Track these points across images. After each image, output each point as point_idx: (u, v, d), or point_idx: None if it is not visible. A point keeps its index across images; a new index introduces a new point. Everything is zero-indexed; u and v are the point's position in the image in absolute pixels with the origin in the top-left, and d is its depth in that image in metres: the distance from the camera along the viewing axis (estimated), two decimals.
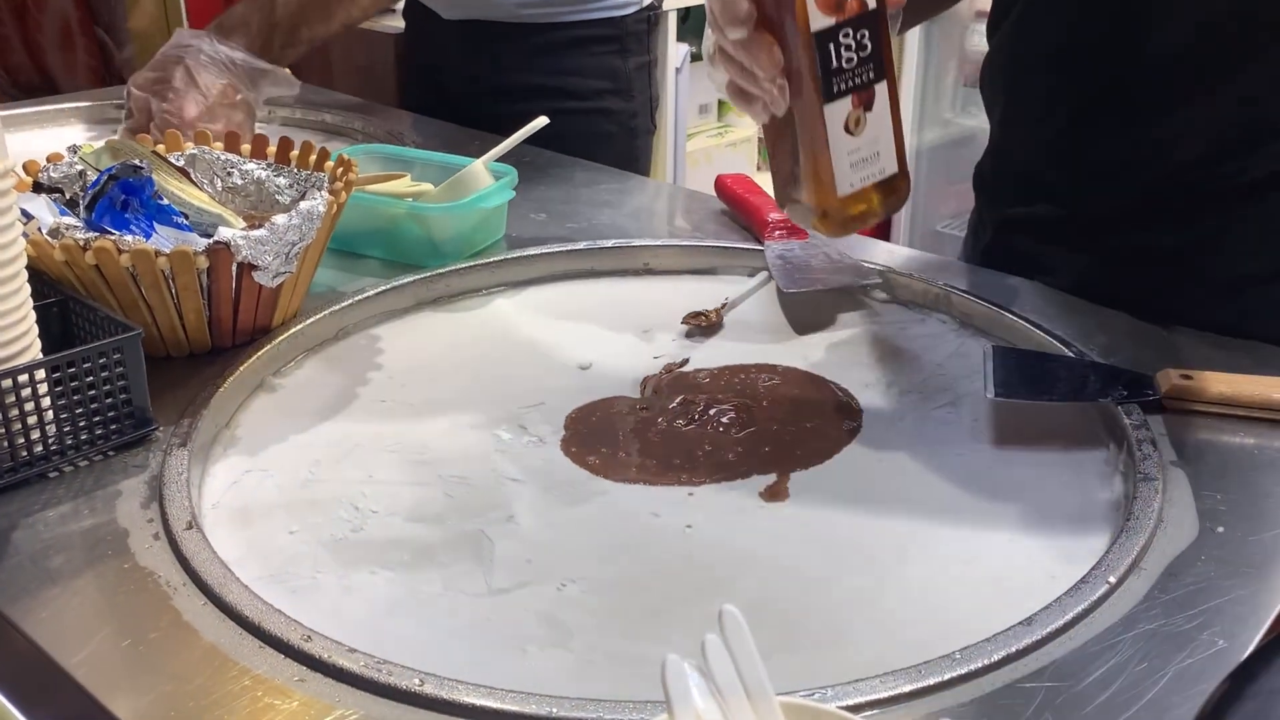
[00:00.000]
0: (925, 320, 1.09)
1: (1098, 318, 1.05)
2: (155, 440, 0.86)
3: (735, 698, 0.53)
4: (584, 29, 1.66)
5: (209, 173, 1.09)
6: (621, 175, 1.45)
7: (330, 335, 1.05)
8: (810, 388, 0.98)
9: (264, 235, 0.92)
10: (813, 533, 0.80)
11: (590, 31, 1.67)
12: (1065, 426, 0.91)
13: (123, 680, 0.64)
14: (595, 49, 1.68)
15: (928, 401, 0.96)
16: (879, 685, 0.63)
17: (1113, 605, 0.69)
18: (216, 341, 0.98)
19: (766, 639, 0.68)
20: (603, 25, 1.68)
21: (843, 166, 0.81)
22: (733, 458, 0.88)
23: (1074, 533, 0.79)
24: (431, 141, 1.49)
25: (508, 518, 0.81)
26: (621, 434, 0.91)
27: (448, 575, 0.75)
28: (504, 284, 1.16)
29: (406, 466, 0.87)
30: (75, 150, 1.05)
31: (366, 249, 1.18)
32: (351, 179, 1.02)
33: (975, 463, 0.88)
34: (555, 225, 1.26)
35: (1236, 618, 0.68)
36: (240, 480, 0.85)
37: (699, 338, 1.06)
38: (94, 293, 0.91)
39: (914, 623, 0.71)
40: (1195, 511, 0.78)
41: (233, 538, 0.79)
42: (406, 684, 0.63)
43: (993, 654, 0.65)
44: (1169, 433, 0.87)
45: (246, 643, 0.67)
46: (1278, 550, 0.74)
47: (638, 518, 0.82)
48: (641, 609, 0.73)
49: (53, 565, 0.73)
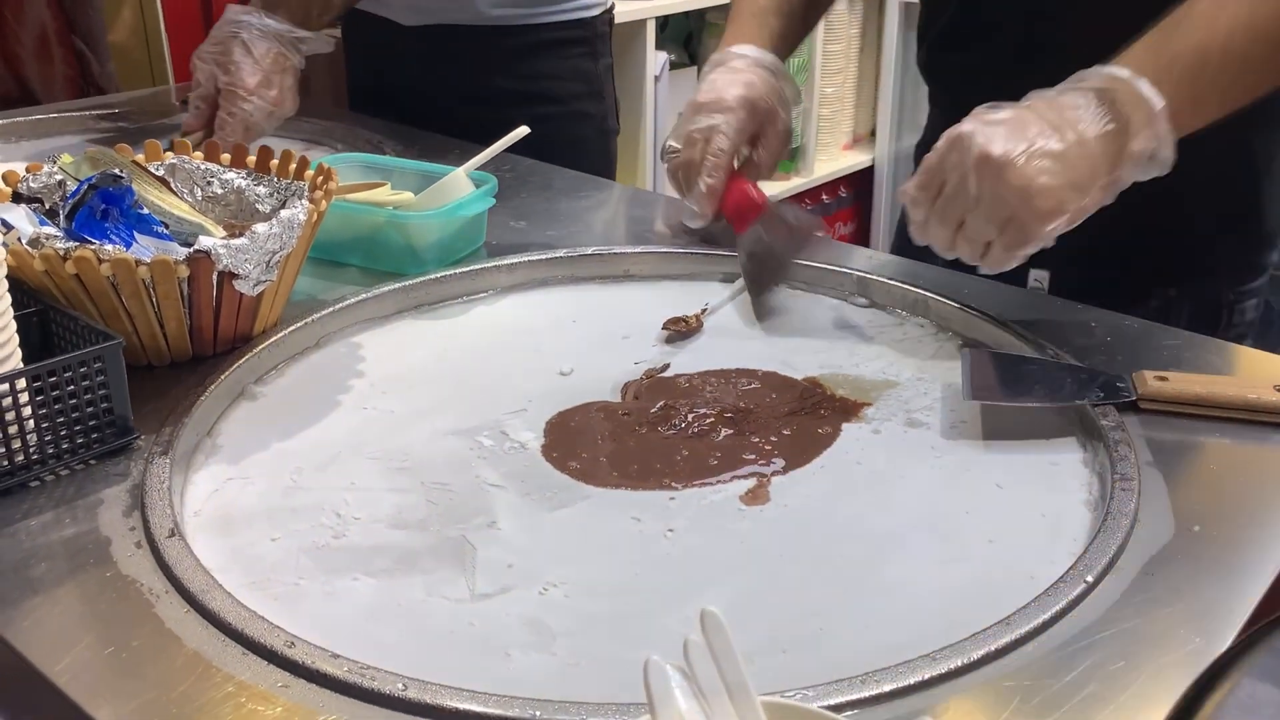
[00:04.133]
0: (904, 324, 1.10)
1: (1074, 320, 1.06)
2: (137, 449, 0.86)
3: (717, 698, 0.53)
4: (556, 31, 1.66)
5: (189, 182, 1.09)
6: (601, 183, 1.46)
7: (311, 343, 1.05)
8: (790, 392, 0.99)
9: (244, 244, 0.93)
10: (793, 535, 0.81)
11: (562, 34, 1.67)
12: (1042, 428, 0.92)
13: (106, 688, 0.64)
14: (567, 52, 1.68)
15: (906, 405, 0.96)
16: (860, 685, 0.63)
17: (1090, 604, 0.70)
18: (197, 350, 0.98)
19: (748, 641, 0.68)
20: (574, 27, 1.68)
21: None
22: (714, 462, 0.89)
23: (1052, 533, 0.80)
24: (411, 150, 1.49)
25: (489, 523, 0.81)
26: (602, 439, 0.92)
27: (430, 581, 0.76)
28: (484, 291, 1.17)
29: (388, 473, 0.87)
30: (54, 160, 1.05)
31: (347, 257, 1.18)
32: (331, 188, 1.02)
33: (953, 465, 0.88)
34: (535, 233, 1.27)
35: (1213, 616, 0.69)
36: (222, 488, 0.85)
37: (679, 343, 1.07)
38: (74, 302, 0.91)
39: (894, 623, 0.72)
40: (1171, 511, 0.79)
41: (215, 545, 0.79)
42: (390, 689, 0.63)
43: (972, 653, 0.65)
44: (1145, 433, 0.87)
45: (229, 649, 0.67)
46: (1253, 549, 0.75)
47: (619, 522, 0.82)
48: (623, 612, 0.73)
49: (35, 574, 0.73)
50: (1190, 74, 0.93)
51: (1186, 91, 0.93)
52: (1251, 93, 0.96)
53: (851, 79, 3.63)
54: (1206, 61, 0.93)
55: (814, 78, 3.41)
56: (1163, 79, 0.92)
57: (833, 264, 1.16)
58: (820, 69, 3.44)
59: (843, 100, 3.61)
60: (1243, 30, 0.93)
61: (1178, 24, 0.95)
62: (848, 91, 3.63)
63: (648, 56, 2.75)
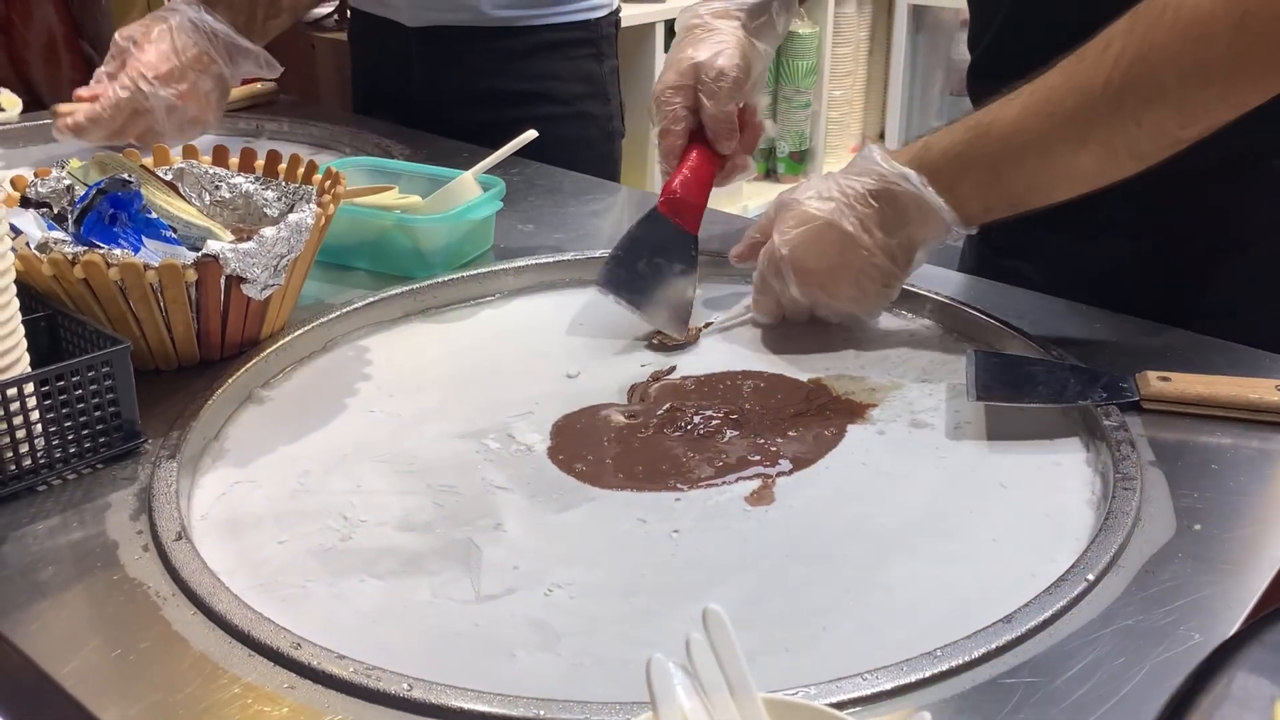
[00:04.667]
0: (909, 325, 1.10)
1: (1079, 321, 1.06)
2: (144, 453, 0.87)
3: (719, 695, 0.53)
4: (560, 32, 1.66)
5: (197, 186, 1.10)
6: (609, 186, 1.46)
7: (319, 347, 1.06)
8: (795, 393, 0.99)
9: (252, 248, 0.93)
10: (798, 536, 0.81)
11: (566, 35, 1.66)
12: (1046, 429, 0.92)
13: (113, 690, 0.65)
14: (572, 53, 1.68)
15: (911, 406, 0.97)
16: (861, 683, 0.63)
17: (1091, 602, 0.70)
18: (205, 354, 0.98)
19: (752, 640, 0.69)
20: (578, 28, 1.67)
21: None
22: (719, 463, 0.89)
23: (1054, 532, 0.80)
24: (419, 154, 1.50)
25: (495, 525, 0.82)
26: (608, 441, 0.92)
27: (436, 583, 0.76)
28: (492, 294, 1.17)
29: (395, 476, 0.88)
30: (63, 165, 1.05)
31: (355, 261, 1.19)
32: (339, 191, 1.03)
33: (958, 464, 0.89)
34: (543, 236, 1.27)
35: (1212, 613, 0.69)
36: (229, 491, 0.86)
37: (673, 351, 1.07)
38: (82, 306, 0.92)
39: (897, 622, 0.72)
40: (1173, 510, 0.79)
41: (222, 548, 0.79)
42: (395, 689, 0.64)
43: (973, 651, 0.65)
44: (1147, 433, 0.88)
45: (236, 651, 0.67)
46: (1253, 547, 0.75)
47: (624, 523, 0.82)
48: (628, 612, 0.74)
49: (42, 578, 0.74)
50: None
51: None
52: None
53: (860, 82, 3.63)
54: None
55: (823, 81, 3.41)
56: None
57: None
58: (829, 72, 3.44)
59: (852, 103, 3.62)
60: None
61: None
62: (856, 94, 3.64)
63: (656, 60, 2.76)
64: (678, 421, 0.94)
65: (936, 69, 3.62)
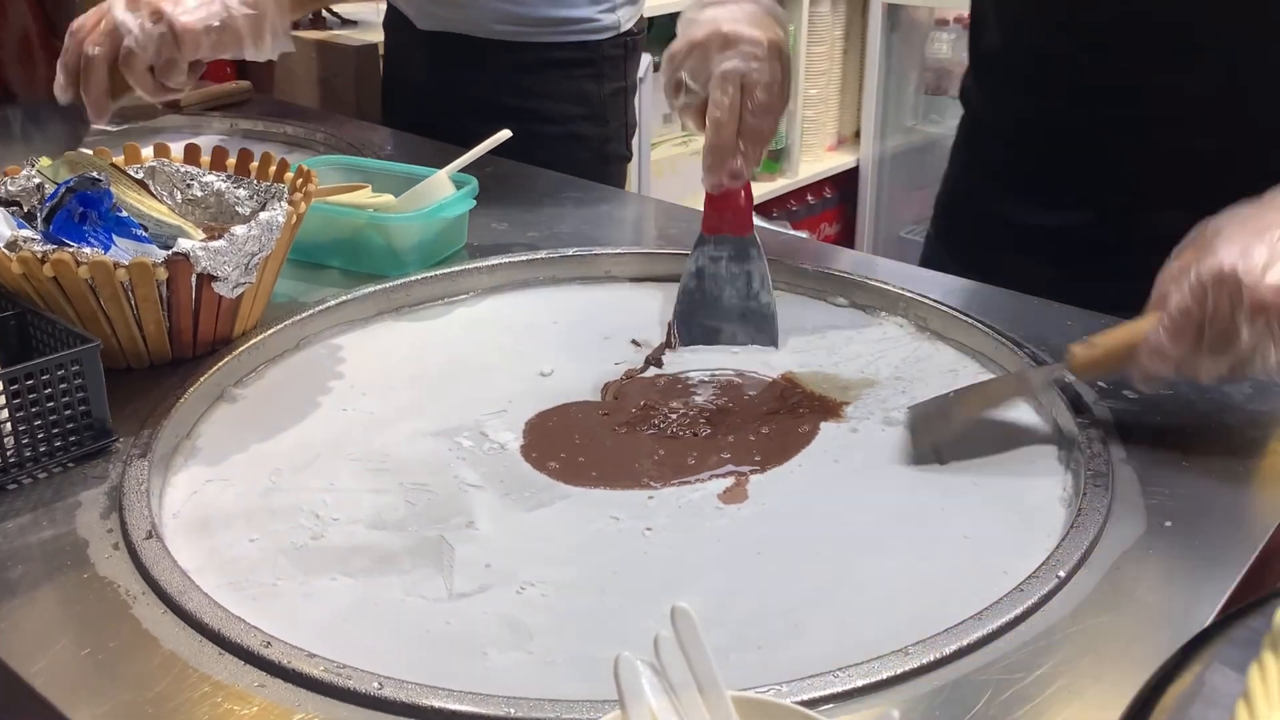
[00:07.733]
0: (882, 323, 1.10)
1: (1050, 318, 1.06)
2: (115, 451, 0.86)
3: (688, 693, 0.53)
4: (558, 51, 1.65)
5: (168, 185, 1.09)
6: (583, 184, 1.46)
7: (291, 345, 1.05)
8: (769, 391, 0.99)
9: (223, 246, 0.93)
10: (771, 533, 0.81)
11: (565, 55, 1.65)
12: (1018, 427, 0.92)
13: (83, 689, 0.64)
14: (570, 72, 1.66)
15: (884, 403, 0.97)
16: (833, 680, 0.64)
17: (1062, 599, 0.70)
18: (177, 352, 0.98)
19: (724, 638, 0.69)
20: (578, 49, 1.66)
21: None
22: (692, 461, 0.89)
23: (1026, 529, 0.80)
24: (393, 153, 1.49)
25: (468, 523, 0.82)
26: (581, 439, 0.92)
27: (408, 581, 0.76)
28: (465, 293, 1.17)
29: (367, 474, 0.88)
30: (33, 163, 1.05)
31: (328, 259, 1.18)
32: (311, 190, 1.03)
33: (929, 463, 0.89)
34: (517, 234, 1.27)
35: (1183, 610, 0.70)
36: (201, 490, 0.86)
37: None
38: (52, 305, 0.91)
39: (869, 619, 0.72)
40: (1143, 507, 0.79)
41: (193, 547, 0.79)
42: (366, 688, 0.63)
43: (944, 648, 0.66)
44: (1118, 431, 0.88)
45: (206, 650, 0.67)
46: (1223, 544, 0.76)
47: (597, 521, 0.82)
48: (601, 610, 0.74)
49: (12, 576, 0.73)
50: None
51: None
52: None
53: (835, 80, 3.64)
54: None
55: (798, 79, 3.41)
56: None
57: (812, 264, 1.17)
58: (804, 71, 3.45)
59: (827, 102, 3.63)
60: None
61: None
62: (831, 93, 3.64)
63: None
64: (651, 419, 0.94)
65: (911, 68, 3.63)
